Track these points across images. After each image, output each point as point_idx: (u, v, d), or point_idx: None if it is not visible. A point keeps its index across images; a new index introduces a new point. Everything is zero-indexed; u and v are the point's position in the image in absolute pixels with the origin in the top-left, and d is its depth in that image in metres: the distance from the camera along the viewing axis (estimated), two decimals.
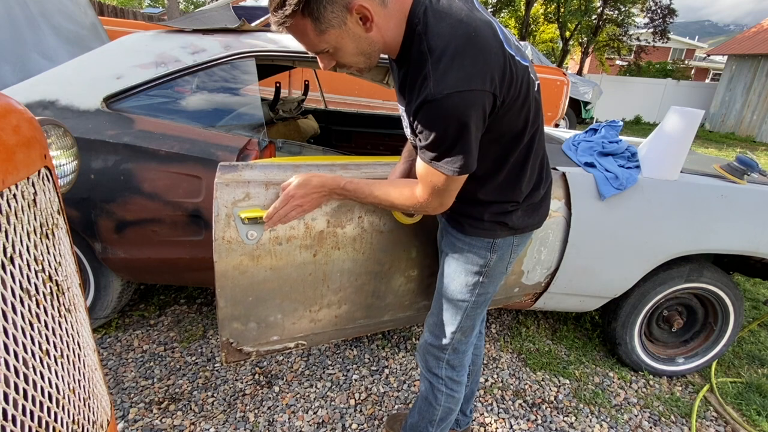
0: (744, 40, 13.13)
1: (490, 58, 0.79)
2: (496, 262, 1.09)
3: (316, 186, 1.10)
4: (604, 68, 19.68)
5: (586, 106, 7.64)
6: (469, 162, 0.86)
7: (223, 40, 1.66)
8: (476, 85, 0.77)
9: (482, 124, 0.84)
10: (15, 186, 0.53)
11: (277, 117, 2.85)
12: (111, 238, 1.60)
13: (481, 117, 0.81)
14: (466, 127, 0.80)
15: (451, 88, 0.76)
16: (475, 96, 0.78)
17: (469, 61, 0.77)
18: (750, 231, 1.72)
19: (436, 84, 0.77)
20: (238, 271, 1.27)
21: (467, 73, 0.77)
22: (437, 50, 0.78)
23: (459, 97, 0.77)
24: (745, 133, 11.69)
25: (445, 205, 0.96)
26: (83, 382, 0.67)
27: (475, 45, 0.78)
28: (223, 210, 1.24)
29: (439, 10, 0.82)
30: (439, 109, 0.79)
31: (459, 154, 0.84)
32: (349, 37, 0.83)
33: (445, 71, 0.77)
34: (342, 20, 0.79)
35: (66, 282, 0.66)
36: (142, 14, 9.78)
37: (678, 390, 1.96)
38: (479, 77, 0.77)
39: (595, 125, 2.03)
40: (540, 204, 1.11)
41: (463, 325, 1.17)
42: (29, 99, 1.55)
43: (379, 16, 0.81)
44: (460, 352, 1.22)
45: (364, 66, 0.91)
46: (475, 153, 0.86)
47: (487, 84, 0.78)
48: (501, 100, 0.83)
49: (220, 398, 1.67)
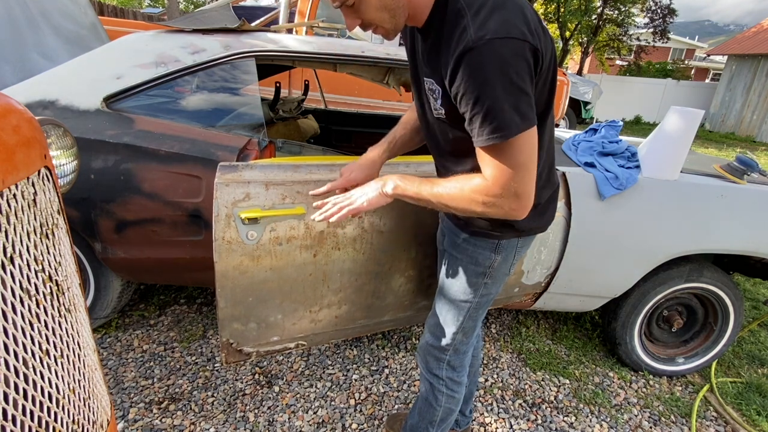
0: (744, 40, 13.13)
1: (529, 14, 0.78)
2: (500, 263, 1.08)
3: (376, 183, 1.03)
4: (604, 68, 19.68)
5: (586, 106, 7.64)
6: (529, 114, 0.78)
7: (223, 40, 1.66)
8: (518, 35, 0.74)
9: (529, 79, 0.78)
10: (15, 186, 0.53)
11: (277, 117, 2.85)
12: (111, 238, 1.60)
13: (526, 69, 0.77)
14: (515, 75, 0.75)
15: (493, 34, 0.73)
16: (518, 44, 0.74)
17: (509, 14, 0.75)
18: (750, 231, 1.72)
19: (477, 30, 0.74)
20: (238, 272, 1.27)
21: (508, 21, 0.75)
22: (476, 5, 0.77)
23: (501, 43, 0.73)
24: (745, 133, 11.69)
25: (522, 195, 0.83)
26: (83, 382, 0.67)
27: (514, 2, 0.78)
28: (223, 210, 1.24)
29: None
30: (482, 56, 0.74)
31: (513, 108, 0.76)
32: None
33: (485, 20, 0.75)
34: None
35: (66, 282, 0.66)
36: (142, 14, 9.78)
37: (678, 390, 1.96)
38: (520, 28, 0.75)
39: (595, 125, 2.02)
40: (547, 206, 1.07)
41: (464, 326, 1.16)
42: (29, 99, 1.55)
43: None
44: (461, 352, 1.21)
45: (390, 26, 0.87)
46: (532, 105, 0.79)
47: (529, 36, 0.75)
48: (542, 61, 0.80)
49: (220, 398, 1.67)
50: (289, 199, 1.30)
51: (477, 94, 0.76)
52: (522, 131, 0.78)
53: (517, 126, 0.77)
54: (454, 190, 0.89)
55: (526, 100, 0.77)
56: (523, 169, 0.81)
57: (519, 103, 0.76)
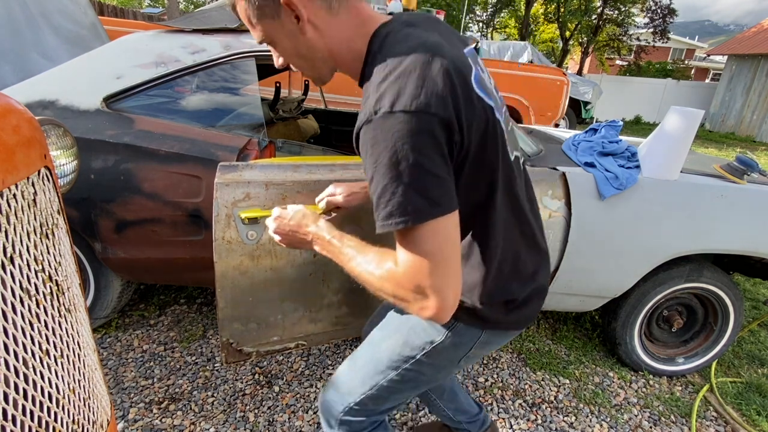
0: (744, 40, 13.13)
1: (452, 79, 0.65)
2: (448, 347, 0.86)
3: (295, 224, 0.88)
4: (604, 68, 19.69)
5: (586, 106, 7.65)
6: (441, 198, 0.64)
7: (223, 40, 1.66)
8: (421, 107, 0.62)
9: (439, 158, 0.65)
10: (15, 186, 0.53)
11: (277, 117, 2.85)
12: (111, 238, 1.60)
13: (434, 147, 0.64)
14: (417, 154, 0.63)
15: (390, 106, 0.63)
16: (421, 118, 0.62)
17: (418, 81, 0.63)
18: (750, 231, 1.72)
19: (376, 102, 0.64)
20: (238, 272, 1.27)
21: (413, 91, 0.63)
22: (387, 69, 0.66)
23: (400, 117, 0.62)
24: (745, 133, 11.69)
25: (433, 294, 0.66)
26: (83, 382, 0.67)
27: (430, 68, 0.64)
28: (223, 210, 1.24)
29: (406, 33, 0.71)
30: (377, 131, 0.64)
31: (417, 191, 0.63)
32: (284, 33, 0.74)
33: (387, 89, 0.64)
34: (275, 11, 0.71)
35: (66, 282, 0.66)
36: (142, 14, 9.78)
37: (678, 390, 1.96)
38: (426, 99, 0.63)
39: (595, 125, 2.03)
40: (527, 302, 0.86)
41: (378, 394, 0.93)
42: (29, 99, 1.55)
43: (322, 20, 0.72)
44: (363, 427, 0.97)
45: (311, 74, 0.81)
46: (447, 188, 0.66)
47: (439, 108, 0.63)
48: (462, 136, 0.67)
49: (220, 398, 1.67)
50: (289, 199, 1.30)
51: (372, 173, 0.65)
52: (428, 219, 0.64)
53: (420, 212, 0.63)
54: (365, 273, 0.73)
55: (436, 183, 0.64)
56: (433, 263, 0.65)
57: (425, 185, 0.63)
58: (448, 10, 14.53)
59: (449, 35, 0.79)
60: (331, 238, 0.80)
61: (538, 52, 8.48)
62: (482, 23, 20.60)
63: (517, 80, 5.38)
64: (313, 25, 0.72)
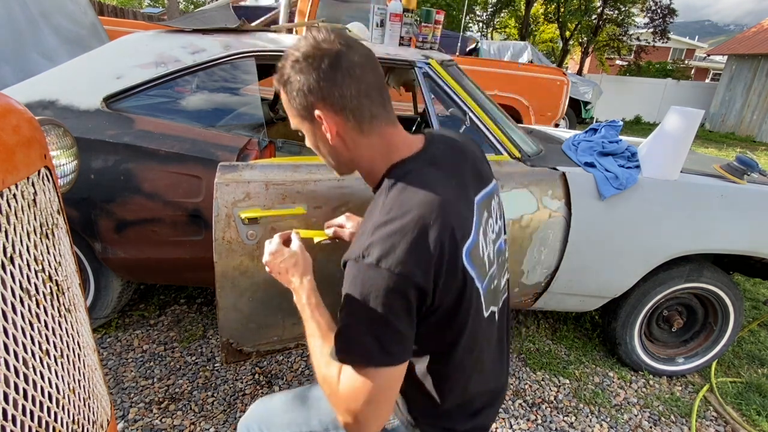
0: (744, 40, 13.13)
1: (432, 256, 0.68)
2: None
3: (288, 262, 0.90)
4: (604, 68, 19.68)
5: (586, 106, 7.64)
6: (393, 349, 0.68)
7: (223, 40, 1.66)
8: (402, 270, 0.66)
9: (405, 316, 0.69)
10: (15, 186, 0.53)
11: (277, 117, 2.85)
12: (111, 238, 1.60)
13: (403, 307, 0.68)
14: (386, 308, 0.67)
15: (376, 259, 0.66)
16: (398, 281, 0.66)
17: (409, 240, 0.67)
18: (750, 231, 1.72)
19: (367, 247, 0.68)
20: (238, 272, 1.27)
21: (401, 253, 0.66)
22: (390, 213, 0.70)
23: (380, 273, 0.66)
24: (745, 133, 11.69)
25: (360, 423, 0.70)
26: (83, 382, 0.67)
27: (426, 236, 0.68)
28: (223, 210, 1.24)
29: (423, 180, 0.74)
30: (357, 274, 0.68)
31: (375, 337, 0.68)
32: (314, 134, 0.80)
33: (380, 238, 0.68)
34: (308, 116, 0.77)
35: (66, 282, 0.66)
36: (142, 14, 9.78)
37: (678, 390, 1.96)
38: (409, 265, 0.66)
39: (595, 125, 2.02)
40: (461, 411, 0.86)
41: None
42: (29, 99, 1.55)
43: (350, 137, 0.77)
44: None
45: (334, 167, 0.85)
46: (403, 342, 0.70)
47: (418, 275, 0.67)
48: (433, 301, 0.70)
49: (220, 398, 1.67)
50: (289, 199, 1.30)
51: (343, 305, 0.70)
52: (377, 366, 0.68)
53: (372, 358, 0.68)
54: (315, 357, 0.78)
55: (395, 338, 0.68)
56: (368, 397, 0.68)
57: (385, 337, 0.68)
58: (448, 10, 14.52)
59: (470, 174, 0.83)
60: (306, 303, 0.85)
61: (538, 52, 8.48)
62: (482, 23, 20.59)
63: (517, 80, 5.38)
64: (342, 139, 0.77)
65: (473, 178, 0.84)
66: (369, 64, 0.75)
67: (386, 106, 0.78)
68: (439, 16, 2.02)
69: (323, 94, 0.73)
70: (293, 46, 0.75)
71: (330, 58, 0.72)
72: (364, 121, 0.76)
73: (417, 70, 1.70)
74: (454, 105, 1.70)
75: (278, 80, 0.78)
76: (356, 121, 0.75)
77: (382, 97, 0.77)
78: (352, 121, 0.75)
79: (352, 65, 0.73)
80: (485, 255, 0.81)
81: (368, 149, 0.79)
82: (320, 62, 0.72)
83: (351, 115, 0.75)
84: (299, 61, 0.73)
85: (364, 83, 0.74)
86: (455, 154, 0.84)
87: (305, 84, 0.73)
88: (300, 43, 0.74)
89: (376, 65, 0.77)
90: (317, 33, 0.74)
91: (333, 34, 0.74)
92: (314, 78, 0.72)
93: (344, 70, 0.72)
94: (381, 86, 0.77)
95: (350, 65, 0.73)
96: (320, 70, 0.72)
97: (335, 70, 0.72)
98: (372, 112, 0.76)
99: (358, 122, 0.75)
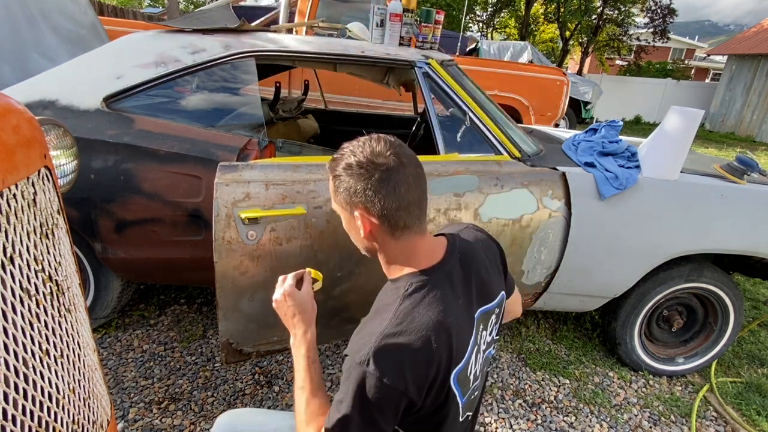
0: (744, 40, 13.13)
1: (426, 377, 0.75)
2: None
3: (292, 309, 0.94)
4: (604, 68, 19.67)
5: (586, 106, 7.64)
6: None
7: (223, 40, 1.66)
8: (399, 385, 0.72)
9: (392, 419, 0.76)
10: (15, 186, 0.53)
11: (277, 117, 2.85)
12: (111, 238, 1.60)
13: (392, 412, 0.75)
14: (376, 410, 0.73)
15: (376, 370, 0.72)
16: (392, 393, 0.73)
17: (406, 366, 0.73)
18: (750, 231, 1.71)
19: (374, 355, 0.73)
20: (238, 272, 1.27)
21: (399, 375, 0.72)
22: (398, 327, 0.75)
23: (379, 383, 0.72)
24: (745, 133, 11.69)
25: None
26: (83, 382, 0.67)
27: (422, 360, 0.74)
28: (223, 210, 1.24)
29: (435, 299, 0.79)
30: (356, 375, 0.74)
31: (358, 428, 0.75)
32: (349, 222, 0.87)
33: (382, 350, 0.73)
34: (349, 210, 0.84)
35: (66, 282, 0.66)
36: (142, 14, 9.79)
37: (678, 390, 1.96)
38: (405, 381, 0.73)
39: (595, 125, 2.02)
40: None
41: None
42: (29, 99, 1.55)
43: (381, 238, 0.83)
44: None
45: (365, 253, 0.92)
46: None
47: (412, 390, 0.74)
48: (419, 409, 0.77)
49: (220, 398, 1.67)
50: (289, 199, 1.30)
51: (342, 391, 0.76)
52: None
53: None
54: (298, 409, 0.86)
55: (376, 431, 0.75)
56: None
57: (369, 429, 0.75)
58: (448, 10, 14.51)
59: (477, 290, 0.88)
60: (305, 356, 0.91)
61: (538, 52, 8.48)
62: (482, 23, 20.59)
63: (517, 80, 5.37)
64: (374, 236, 0.84)
65: (480, 293, 0.89)
66: (415, 182, 0.81)
67: (421, 218, 0.84)
68: (439, 16, 2.02)
69: (366, 201, 0.79)
70: (351, 149, 0.81)
71: (381, 173, 0.78)
72: (397, 229, 0.81)
73: (417, 70, 1.70)
74: (454, 105, 1.70)
75: (330, 168, 0.84)
76: (390, 228, 0.81)
77: (419, 210, 0.83)
78: (386, 226, 0.81)
79: (399, 183, 0.78)
80: (472, 374, 0.86)
81: (394, 251, 0.85)
82: (372, 174, 0.78)
83: (386, 222, 0.80)
84: (353, 167, 0.79)
85: (406, 200, 0.80)
86: (468, 270, 0.88)
87: (353, 188, 0.80)
88: (359, 148, 0.80)
89: (422, 182, 0.83)
90: (376, 144, 0.80)
91: (390, 148, 0.79)
92: (362, 186, 0.79)
93: (391, 186, 0.78)
94: (421, 200, 0.83)
95: (398, 183, 0.78)
96: (370, 180, 0.78)
97: (383, 184, 0.78)
98: (406, 223, 0.81)
99: (391, 229, 0.81)
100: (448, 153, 1.62)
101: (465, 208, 1.52)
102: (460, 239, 0.93)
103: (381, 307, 0.83)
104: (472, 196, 1.52)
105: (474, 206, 1.53)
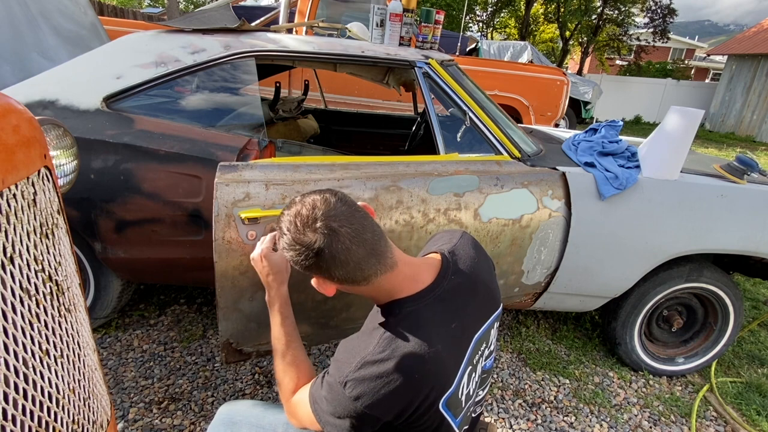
0: (744, 40, 13.13)
1: (408, 405, 0.75)
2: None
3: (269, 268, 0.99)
4: (604, 68, 19.68)
5: (586, 106, 7.64)
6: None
7: (223, 40, 1.66)
8: (376, 413, 0.73)
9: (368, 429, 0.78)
10: (15, 186, 0.53)
11: (277, 117, 2.85)
12: (111, 238, 1.60)
13: (368, 428, 0.77)
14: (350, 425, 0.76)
15: (359, 396, 0.73)
16: (369, 418, 0.74)
17: (387, 397, 0.73)
18: (750, 231, 1.71)
19: (355, 382, 0.73)
20: (238, 272, 1.27)
21: (377, 403, 0.73)
22: (383, 353, 0.74)
23: (361, 409, 0.73)
24: (745, 133, 11.69)
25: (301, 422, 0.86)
26: (83, 382, 0.67)
27: (405, 389, 0.73)
28: (223, 210, 1.24)
29: (418, 325, 0.77)
30: (340, 398, 0.75)
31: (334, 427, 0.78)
32: None
33: (368, 379, 0.73)
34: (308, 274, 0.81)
35: (66, 282, 0.66)
36: (142, 14, 9.79)
37: (678, 390, 1.96)
38: (383, 411, 0.74)
39: (595, 125, 2.02)
40: None
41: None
42: (29, 99, 1.55)
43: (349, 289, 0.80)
44: None
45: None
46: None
47: (390, 418, 0.75)
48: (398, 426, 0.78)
49: (220, 398, 1.67)
50: (289, 199, 1.30)
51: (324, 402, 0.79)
52: None
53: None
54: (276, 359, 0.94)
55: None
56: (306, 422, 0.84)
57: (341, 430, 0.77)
58: (448, 10, 14.50)
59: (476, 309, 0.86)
60: (278, 311, 0.98)
61: (538, 52, 8.47)
62: (482, 23, 20.59)
63: (517, 80, 5.38)
64: (341, 290, 0.82)
65: (479, 311, 0.87)
66: (356, 240, 0.74)
67: (381, 262, 0.77)
68: (439, 16, 2.02)
69: (313, 271, 0.77)
70: (284, 224, 0.77)
71: (314, 253, 0.73)
72: (358, 283, 0.78)
73: (417, 70, 1.70)
74: (454, 105, 1.70)
75: (279, 234, 0.80)
76: (351, 284, 0.78)
77: (375, 258, 0.76)
78: (347, 284, 0.78)
79: (335, 253, 0.73)
80: (464, 395, 0.85)
81: (368, 292, 0.81)
82: (307, 254, 0.74)
83: (345, 282, 0.77)
84: (289, 244, 0.76)
85: (353, 261, 0.74)
86: (467, 288, 0.86)
87: (298, 262, 0.77)
88: (290, 224, 0.75)
89: (366, 232, 0.75)
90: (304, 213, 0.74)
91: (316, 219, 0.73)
92: (302, 261, 0.76)
93: (328, 259, 0.73)
94: (374, 248, 0.76)
95: (333, 254, 0.73)
96: (308, 259, 0.75)
97: (322, 261, 0.74)
98: (365, 276, 0.76)
99: (352, 284, 0.78)
100: (448, 153, 1.62)
101: (465, 208, 1.52)
102: (459, 255, 0.90)
103: (368, 330, 0.81)
104: (472, 196, 1.53)
105: (474, 206, 1.53)
